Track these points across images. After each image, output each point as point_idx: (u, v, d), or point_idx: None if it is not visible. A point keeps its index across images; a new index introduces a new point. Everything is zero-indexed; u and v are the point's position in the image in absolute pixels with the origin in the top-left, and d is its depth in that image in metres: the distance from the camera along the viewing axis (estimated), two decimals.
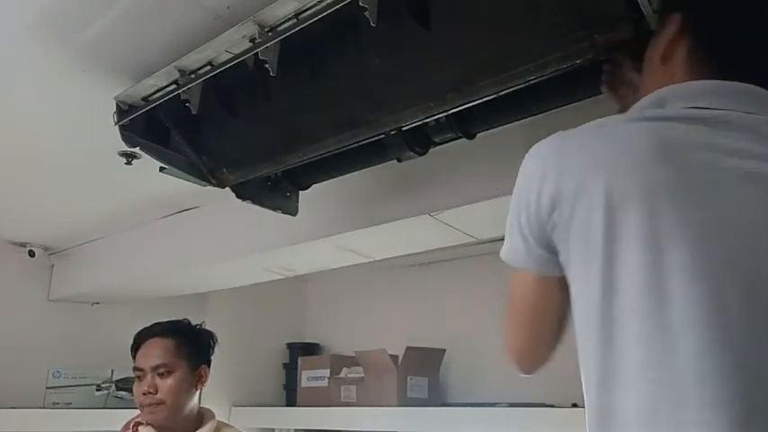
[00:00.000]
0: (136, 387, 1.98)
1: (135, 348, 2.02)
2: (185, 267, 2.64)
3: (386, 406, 2.84)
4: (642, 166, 0.82)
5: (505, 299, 1.01)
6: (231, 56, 1.31)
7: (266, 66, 1.26)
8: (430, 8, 1.27)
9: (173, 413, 1.93)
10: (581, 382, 0.85)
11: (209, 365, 2.05)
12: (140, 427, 1.95)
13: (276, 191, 1.85)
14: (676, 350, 0.74)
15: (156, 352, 1.96)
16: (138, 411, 2.01)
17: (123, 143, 1.61)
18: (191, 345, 2.00)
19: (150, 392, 1.91)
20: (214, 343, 2.10)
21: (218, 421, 2.06)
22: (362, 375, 3.00)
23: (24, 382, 2.88)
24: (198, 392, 2.01)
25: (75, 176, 2.26)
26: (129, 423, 2.00)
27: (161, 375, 1.93)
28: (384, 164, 1.71)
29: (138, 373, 1.97)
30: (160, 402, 1.91)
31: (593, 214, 0.82)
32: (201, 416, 2.03)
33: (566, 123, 0.96)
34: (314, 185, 1.88)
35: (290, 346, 3.65)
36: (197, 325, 2.10)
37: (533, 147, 0.94)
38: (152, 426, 1.94)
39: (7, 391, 2.80)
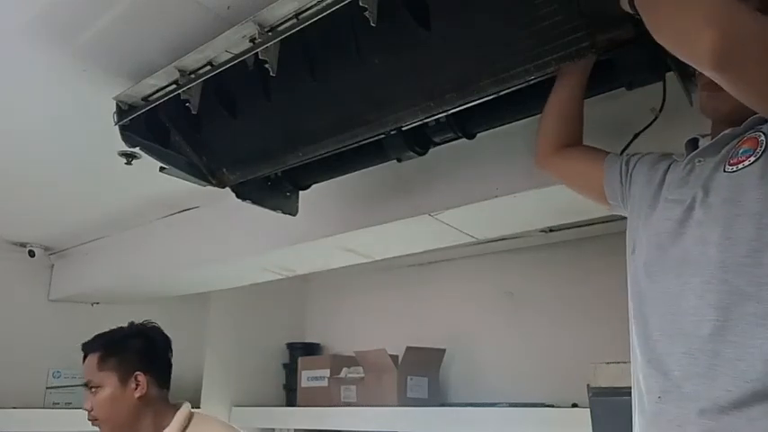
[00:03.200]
0: None
1: None
2: (185, 267, 2.64)
3: (386, 406, 2.83)
4: None
5: None
6: (231, 56, 1.31)
7: (266, 66, 1.26)
8: (430, 8, 1.27)
9: (112, 427, 1.89)
10: (581, 383, 0.85)
11: (146, 370, 1.91)
12: None
13: (276, 191, 1.85)
14: None
15: (85, 369, 1.93)
16: None
17: (123, 143, 1.61)
18: (115, 356, 1.91)
19: (88, 410, 1.89)
20: (154, 345, 1.96)
21: (194, 413, 1.93)
22: (362, 375, 3.00)
23: (24, 382, 2.89)
24: (145, 399, 1.88)
25: (76, 176, 2.26)
26: None
27: (93, 392, 1.89)
28: (384, 164, 1.71)
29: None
30: (95, 419, 1.89)
31: None
32: (168, 417, 1.90)
33: None
34: (314, 185, 1.88)
35: (290, 346, 3.65)
36: (136, 327, 1.98)
37: None
38: None
39: (7, 391, 2.80)
